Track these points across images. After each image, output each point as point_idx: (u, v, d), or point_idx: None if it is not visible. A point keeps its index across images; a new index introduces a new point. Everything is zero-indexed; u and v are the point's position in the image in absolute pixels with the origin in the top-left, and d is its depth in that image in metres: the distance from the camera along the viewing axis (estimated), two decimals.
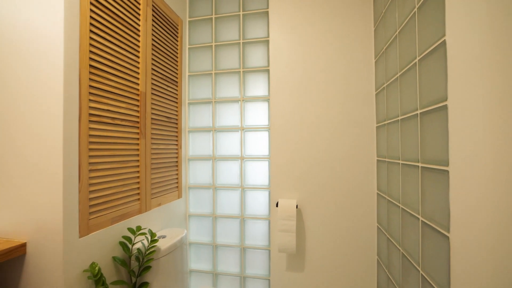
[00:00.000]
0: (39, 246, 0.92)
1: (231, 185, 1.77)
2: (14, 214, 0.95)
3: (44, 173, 0.92)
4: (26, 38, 0.94)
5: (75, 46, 0.95)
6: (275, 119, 1.67)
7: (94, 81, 1.04)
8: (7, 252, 0.87)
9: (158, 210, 1.48)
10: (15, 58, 0.95)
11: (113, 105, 1.13)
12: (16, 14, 0.95)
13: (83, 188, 0.98)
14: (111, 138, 1.12)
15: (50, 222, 0.91)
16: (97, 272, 0.99)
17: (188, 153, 1.85)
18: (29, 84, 0.94)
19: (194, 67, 1.85)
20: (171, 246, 1.29)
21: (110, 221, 1.11)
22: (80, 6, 0.97)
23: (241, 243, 1.74)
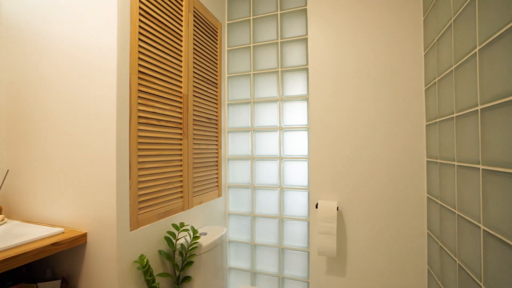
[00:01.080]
0: (97, 236, 1.02)
1: (270, 185, 1.77)
2: (77, 208, 1.06)
3: (100, 172, 1.01)
4: (84, 50, 1.05)
5: (126, 54, 1.03)
6: (314, 118, 1.63)
7: (142, 85, 1.11)
8: (73, 240, 0.98)
9: (199, 208, 1.54)
10: (76, 69, 1.06)
11: (159, 107, 1.21)
12: (77, 29, 1.06)
13: (133, 185, 1.05)
14: (157, 139, 1.19)
15: (106, 215, 1.00)
16: (145, 263, 1.07)
17: (227, 153, 1.89)
18: (87, 90, 1.04)
19: (233, 69, 1.89)
20: (212, 243, 1.33)
21: (156, 216, 1.18)
22: (130, 17, 1.05)
23: (279, 243, 1.73)
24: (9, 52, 1.24)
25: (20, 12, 1.21)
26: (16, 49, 1.22)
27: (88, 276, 1.04)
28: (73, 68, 1.07)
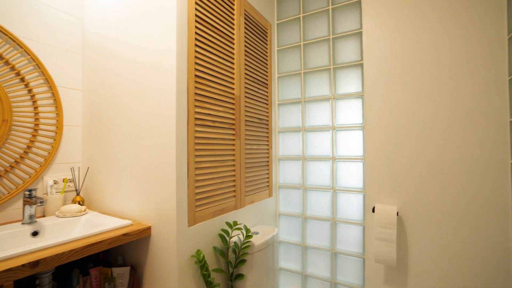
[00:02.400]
0: (159, 230, 1.11)
1: (322, 186, 1.71)
2: (142, 202, 1.16)
3: (162, 171, 1.09)
4: (149, 59, 1.14)
5: (184, 59, 1.10)
6: (370, 116, 1.53)
7: (198, 88, 1.17)
8: (140, 232, 1.08)
9: (251, 207, 1.57)
10: (142, 77, 1.17)
11: (213, 109, 1.26)
12: (143, 41, 1.17)
13: (190, 183, 1.11)
14: (211, 139, 1.25)
15: (167, 211, 1.08)
16: (202, 258, 1.12)
17: (278, 153, 1.89)
18: (152, 96, 1.13)
19: (282, 68, 1.88)
20: (264, 243, 1.34)
21: (211, 214, 1.24)
22: (188, 25, 1.11)
23: (332, 247, 1.67)
24: (91, 67, 1.43)
25: (99, 31, 1.38)
26: (95, 63, 1.40)
27: (152, 266, 1.13)
28: (140, 76, 1.18)
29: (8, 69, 1.19)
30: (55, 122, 1.34)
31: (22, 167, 1.23)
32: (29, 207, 1.09)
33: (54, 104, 1.34)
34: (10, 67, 1.19)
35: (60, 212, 1.21)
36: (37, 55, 1.29)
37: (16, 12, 1.23)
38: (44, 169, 1.29)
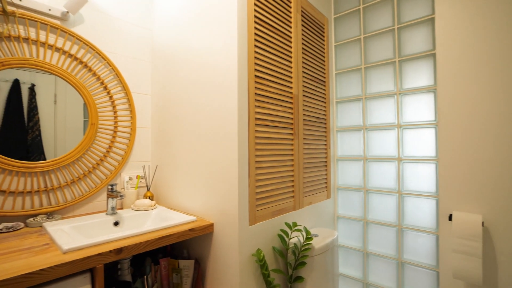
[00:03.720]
0: (221, 227, 1.14)
1: (386, 189, 1.58)
2: (206, 200, 1.22)
3: (224, 169, 1.12)
4: (212, 62, 1.19)
5: (244, 60, 1.11)
6: (445, 112, 1.36)
7: (258, 88, 1.18)
8: (204, 228, 1.13)
9: (309, 208, 1.52)
10: (205, 80, 1.22)
11: (272, 108, 1.25)
12: (202, 44, 1.22)
13: (251, 183, 1.13)
14: (271, 139, 1.24)
15: (229, 209, 1.11)
16: (262, 258, 1.12)
17: (336, 153, 1.81)
18: (215, 97, 1.18)
19: (341, 65, 1.79)
20: (324, 246, 1.29)
21: (270, 214, 1.23)
22: (247, 26, 1.13)
23: (398, 255, 1.53)
24: (159, 73, 1.55)
25: (165, 39, 1.49)
26: (162, 69, 1.52)
27: (214, 261, 1.17)
28: (203, 79, 1.24)
29: (95, 79, 1.36)
30: (130, 125, 1.49)
31: (105, 164, 1.39)
32: (112, 200, 1.23)
33: (128, 108, 1.49)
34: (97, 77, 1.36)
35: (134, 205, 1.34)
36: (116, 65, 1.45)
37: (100, 29, 1.39)
38: (121, 167, 1.44)
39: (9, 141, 1.12)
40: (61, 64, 1.25)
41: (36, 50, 1.19)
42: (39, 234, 1.02)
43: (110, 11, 1.44)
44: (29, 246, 0.88)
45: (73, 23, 1.31)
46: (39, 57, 1.19)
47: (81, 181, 1.31)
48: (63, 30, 1.26)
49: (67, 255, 0.81)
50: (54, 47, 1.23)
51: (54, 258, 0.79)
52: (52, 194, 1.23)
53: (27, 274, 0.70)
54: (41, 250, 0.85)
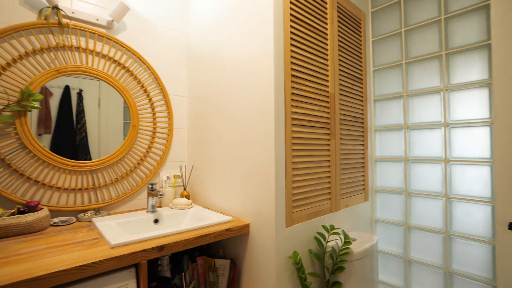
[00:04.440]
0: (257, 228, 1.14)
1: (431, 192, 1.47)
2: (241, 200, 1.22)
3: (261, 170, 1.12)
4: (248, 63, 1.19)
5: (281, 60, 1.10)
6: (502, 109, 1.23)
7: (294, 88, 1.16)
8: (240, 228, 1.13)
9: (346, 211, 1.47)
10: (242, 80, 1.23)
11: (309, 108, 1.22)
12: (237, 45, 1.23)
13: (288, 184, 1.11)
14: (307, 140, 1.22)
15: (265, 210, 1.10)
16: (299, 260, 1.10)
17: (374, 153, 1.72)
18: (251, 97, 1.18)
19: (379, 61, 1.70)
20: (363, 251, 1.23)
21: (307, 216, 1.21)
22: (283, 25, 1.11)
23: (445, 265, 1.41)
24: (194, 75, 1.59)
25: (200, 42, 1.53)
26: (197, 71, 1.55)
27: (250, 261, 1.17)
28: (238, 80, 1.24)
29: (136, 83, 1.43)
30: (167, 126, 1.55)
31: (145, 164, 1.46)
32: (152, 199, 1.28)
33: (166, 110, 1.55)
34: (137, 81, 1.43)
35: (172, 204, 1.38)
36: (155, 69, 1.51)
37: (141, 35, 1.46)
38: (160, 166, 1.50)
39: (61, 142, 1.21)
40: (106, 69, 1.33)
41: (86, 58, 1.28)
42: (89, 228, 1.09)
43: (149, 17, 1.50)
44: (81, 240, 0.95)
45: (117, 31, 1.39)
46: (88, 64, 1.28)
47: (124, 180, 1.39)
48: (108, 38, 1.34)
49: (114, 249, 0.85)
50: (101, 54, 1.31)
51: (104, 252, 0.83)
52: (99, 191, 1.31)
53: (81, 266, 0.75)
54: (92, 244, 0.90)
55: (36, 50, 1.16)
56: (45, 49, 1.18)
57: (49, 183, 1.18)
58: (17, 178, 1.12)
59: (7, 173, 1.10)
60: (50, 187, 1.19)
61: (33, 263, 0.75)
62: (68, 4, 1.25)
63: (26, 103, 1.09)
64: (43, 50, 1.18)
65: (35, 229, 1.04)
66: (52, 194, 1.20)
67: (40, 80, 1.15)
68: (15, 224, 0.99)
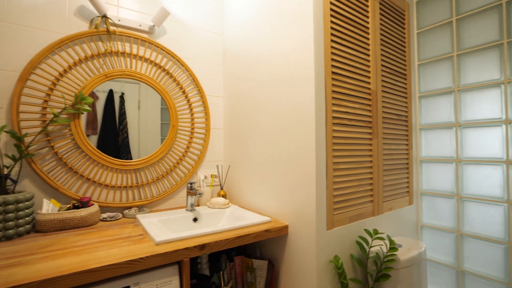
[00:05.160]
0: (296, 230, 1.11)
1: (489, 197, 1.33)
2: (279, 201, 1.20)
3: (300, 171, 1.09)
4: (286, 60, 1.17)
5: (321, 57, 1.06)
6: None
7: (335, 86, 1.11)
8: (279, 229, 1.12)
9: (389, 215, 1.38)
10: (279, 79, 1.21)
11: (349, 106, 1.17)
12: (275, 44, 1.21)
13: (329, 185, 1.07)
14: (348, 139, 1.16)
15: (305, 212, 1.07)
16: (340, 265, 1.05)
17: (419, 153, 1.60)
18: (289, 95, 1.15)
19: (424, 54, 1.58)
20: (410, 259, 1.15)
21: (348, 219, 1.15)
22: (323, 20, 1.07)
23: (508, 280, 1.27)
24: (230, 76, 1.61)
25: (236, 43, 1.53)
26: (233, 71, 1.56)
27: (289, 263, 1.15)
28: (276, 79, 1.23)
29: (175, 85, 1.47)
30: (204, 126, 1.58)
31: (184, 163, 1.50)
32: (191, 198, 1.31)
33: (203, 110, 1.58)
34: (176, 82, 1.47)
35: (210, 203, 1.40)
36: (193, 70, 1.55)
37: (179, 38, 1.51)
38: (197, 166, 1.54)
39: (105, 142, 1.29)
40: (148, 72, 1.39)
41: (130, 62, 1.35)
42: (134, 224, 1.14)
43: (187, 20, 1.54)
44: (128, 235, 0.99)
45: (157, 35, 1.44)
46: (132, 67, 1.35)
47: (164, 179, 1.44)
48: (150, 42, 1.39)
49: (159, 246, 0.88)
50: (143, 58, 1.38)
51: (149, 248, 0.86)
52: (142, 189, 1.37)
53: (130, 261, 0.78)
54: (138, 240, 0.94)
55: (88, 57, 1.24)
56: (95, 56, 1.26)
57: (98, 180, 1.26)
58: (72, 176, 1.21)
59: (63, 170, 1.19)
60: (99, 185, 1.27)
61: (87, 256, 0.80)
62: (115, 12, 1.33)
63: (79, 106, 1.18)
64: (93, 57, 1.26)
65: (88, 223, 1.11)
66: (101, 191, 1.28)
67: (91, 85, 1.24)
68: (71, 218, 1.07)
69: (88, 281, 0.72)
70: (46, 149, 1.16)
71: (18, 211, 0.97)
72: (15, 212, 0.96)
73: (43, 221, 1.03)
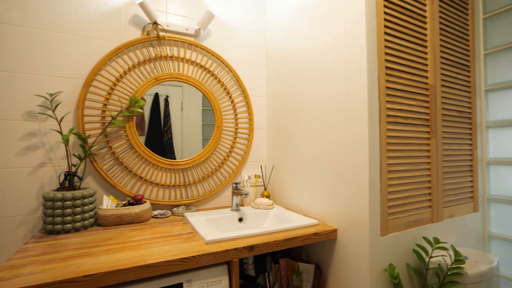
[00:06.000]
0: (346, 234, 1.05)
1: None
2: (327, 203, 1.15)
3: (351, 172, 1.03)
4: (330, 56, 1.12)
5: (374, 50, 0.99)
6: None
7: (389, 81, 1.03)
8: (328, 233, 1.07)
9: (450, 222, 1.25)
10: (322, 76, 1.16)
11: (405, 103, 1.08)
12: (321, 39, 1.16)
13: (383, 188, 0.99)
14: (403, 139, 1.07)
15: (356, 216, 1.01)
16: (396, 275, 0.97)
17: (486, 154, 1.43)
18: (338, 94, 1.10)
19: (492, 42, 1.40)
20: (480, 274, 1.02)
21: (404, 225, 1.06)
22: (376, 10, 1.00)
23: None
24: (272, 75, 1.59)
25: (278, 42, 1.51)
26: (276, 71, 1.54)
27: (338, 269, 1.09)
28: (324, 77, 1.18)
29: (219, 86, 1.50)
30: (248, 126, 1.58)
31: (228, 163, 1.52)
32: (236, 197, 1.32)
33: (247, 111, 1.58)
34: (221, 84, 1.50)
35: (255, 203, 1.40)
36: (236, 71, 1.56)
37: (223, 40, 1.53)
38: (241, 166, 1.55)
39: (152, 143, 1.35)
40: (194, 74, 1.43)
41: (177, 65, 1.40)
42: (183, 223, 1.18)
43: (230, 22, 1.56)
44: (179, 233, 1.03)
45: (203, 38, 1.48)
46: (179, 70, 1.40)
47: (209, 178, 1.47)
48: (196, 45, 1.43)
49: (208, 245, 0.89)
50: (190, 60, 1.42)
51: (200, 247, 0.88)
52: (189, 188, 1.42)
53: (183, 259, 0.80)
54: (188, 238, 0.97)
55: (140, 62, 1.32)
56: (146, 61, 1.33)
57: (149, 179, 1.33)
58: (126, 174, 1.29)
59: (120, 169, 1.28)
60: (150, 183, 1.34)
61: (144, 251, 0.84)
62: (164, 18, 1.39)
63: (133, 109, 1.25)
64: (145, 62, 1.33)
65: (141, 219, 1.18)
66: (152, 189, 1.34)
67: (143, 88, 1.31)
68: (127, 214, 1.14)
69: (146, 275, 0.76)
70: (105, 149, 1.25)
71: (83, 205, 1.06)
72: (81, 207, 1.05)
73: (104, 215, 1.11)
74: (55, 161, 1.17)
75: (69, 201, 1.02)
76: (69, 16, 1.20)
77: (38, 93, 1.14)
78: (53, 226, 1.01)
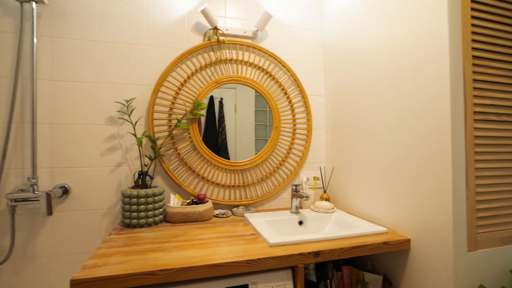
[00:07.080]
0: (422, 246, 0.94)
1: None
2: (397, 210, 1.05)
3: (429, 177, 0.92)
4: (399, 48, 1.01)
5: (458, 37, 0.86)
6: None
7: (477, 73, 0.89)
8: (399, 243, 0.97)
9: None
10: (389, 71, 1.06)
11: (498, 97, 0.92)
12: (388, 31, 1.06)
13: (470, 196, 0.86)
14: (496, 139, 0.92)
15: (436, 226, 0.89)
16: None
17: None
18: (407, 89, 0.99)
19: None
20: None
21: (498, 240, 0.91)
22: None
23: None
24: (331, 73, 1.52)
25: (337, 38, 1.43)
26: (334, 69, 1.47)
27: (411, 285, 0.98)
28: (393, 70, 1.08)
29: (277, 86, 1.48)
30: (306, 127, 1.54)
31: (286, 165, 1.50)
32: (295, 200, 1.29)
33: (305, 111, 1.54)
34: (278, 84, 1.48)
35: (314, 206, 1.35)
36: (294, 70, 1.53)
37: (280, 40, 1.52)
38: (300, 167, 1.51)
39: (208, 144, 1.39)
40: (252, 76, 1.44)
41: (236, 68, 1.42)
42: (244, 223, 1.20)
43: (286, 21, 1.53)
44: (241, 234, 1.04)
45: (260, 39, 1.48)
46: (238, 73, 1.42)
47: (268, 180, 1.47)
48: (254, 47, 1.44)
49: (272, 248, 0.88)
50: (248, 62, 1.44)
51: (264, 250, 0.87)
52: (248, 189, 1.43)
53: (249, 260, 0.81)
54: (251, 240, 0.97)
55: (202, 67, 1.37)
56: (207, 65, 1.39)
57: (211, 179, 1.38)
58: (190, 174, 1.36)
59: (184, 169, 1.35)
60: (211, 183, 1.39)
61: (211, 250, 0.87)
62: (223, 23, 1.43)
63: (196, 112, 1.31)
64: (206, 66, 1.39)
65: (204, 218, 1.23)
66: (213, 189, 1.39)
67: (205, 92, 1.36)
68: (192, 212, 1.20)
69: (214, 274, 0.78)
70: (171, 150, 1.33)
71: (154, 203, 1.15)
72: (153, 204, 1.14)
73: (171, 213, 1.19)
74: (130, 161, 1.29)
75: (143, 198, 1.11)
76: (139, 28, 1.31)
77: (117, 100, 1.27)
78: (130, 221, 1.11)
